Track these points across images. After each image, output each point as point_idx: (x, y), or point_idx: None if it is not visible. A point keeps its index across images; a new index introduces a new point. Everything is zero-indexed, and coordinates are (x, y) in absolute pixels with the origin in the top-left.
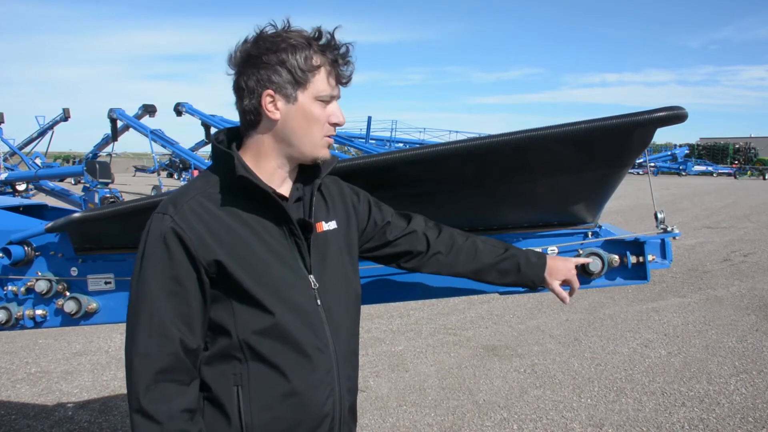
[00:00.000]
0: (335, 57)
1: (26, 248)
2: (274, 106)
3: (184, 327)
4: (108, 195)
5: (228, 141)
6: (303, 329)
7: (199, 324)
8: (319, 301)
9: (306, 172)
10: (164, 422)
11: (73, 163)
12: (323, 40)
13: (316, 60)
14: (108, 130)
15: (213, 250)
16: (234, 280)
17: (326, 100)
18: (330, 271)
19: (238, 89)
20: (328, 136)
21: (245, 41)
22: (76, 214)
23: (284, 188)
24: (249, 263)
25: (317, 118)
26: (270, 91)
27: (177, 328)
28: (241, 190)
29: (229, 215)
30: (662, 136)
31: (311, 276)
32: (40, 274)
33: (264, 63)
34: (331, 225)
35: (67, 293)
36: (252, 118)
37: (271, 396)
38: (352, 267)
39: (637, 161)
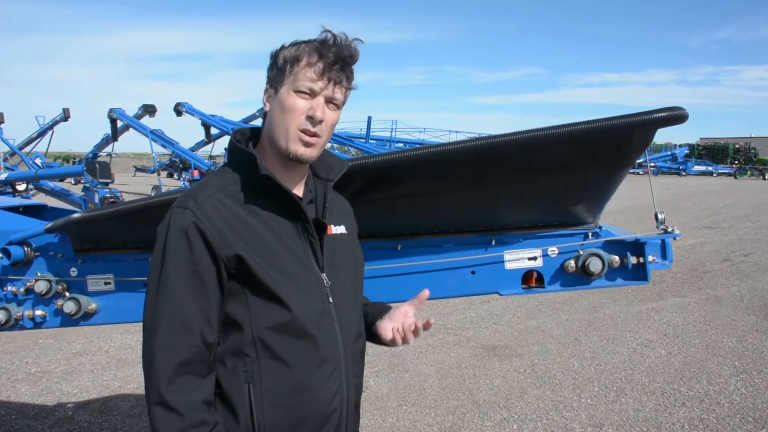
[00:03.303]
0: (320, 50)
1: (26, 248)
2: (267, 100)
3: (203, 321)
4: (108, 195)
5: (246, 140)
6: (315, 326)
7: (216, 318)
8: (330, 299)
9: (319, 174)
10: (185, 413)
11: (73, 163)
12: (317, 37)
13: (302, 53)
14: (108, 130)
15: (233, 246)
16: (253, 275)
17: (306, 92)
18: (340, 271)
19: None
20: (306, 132)
21: None
22: (76, 215)
23: (298, 188)
24: (267, 259)
25: (291, 108)
26: (267, 86)
27: (198, 322)
28: (260, 189)
29: (248, 212)
30: (662, 136)
31: (323, 274)
32: (39, 274)
33: (271, 62)
34: (340, 229)
35: (67, 294)
36: (264, 116)
37: (281, 392)
38: (359, 272)
39: (638, 161)
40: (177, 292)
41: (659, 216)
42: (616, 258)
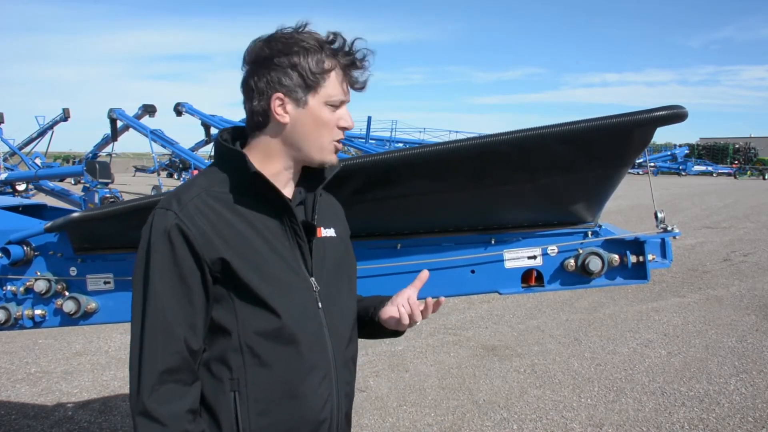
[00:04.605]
0: (348, 61)
1: (25, 248)
2: (283, 110)
3: (187, 327)
4: (108, 195)
5: (232, 140)
6: (303, 331)
7: (201, 324)
8: (320, 304)
9: (309, 176)
10: (168, 424)
11: (73, 163)
12: (336, 44)
13: (328, 64)
14: (108, 130)
15: (217, 248)
16: (239, 279)
17: (336, 105)
18: (329, 275)
19: (248, 89)
20: (337, 141)
21: (258, 40)
22: (75, 214)
23: (287, 190)
24: (254, 262)
25: (326, 122)
26: (280, 94)
27: (181, 328)
28: (248, 190)
29: (234, 214)
30: (662, 135)
31: (312, 278)
32: (39, 273)
33: (275, 65)
34: (330, 232)
35: (66, 293)
36: (260, 120)
37: (269, 400)
38: (350, 275)
39: (637, 161)
40: (160, 296)
41: (659, 215)
42: (616, 257)
